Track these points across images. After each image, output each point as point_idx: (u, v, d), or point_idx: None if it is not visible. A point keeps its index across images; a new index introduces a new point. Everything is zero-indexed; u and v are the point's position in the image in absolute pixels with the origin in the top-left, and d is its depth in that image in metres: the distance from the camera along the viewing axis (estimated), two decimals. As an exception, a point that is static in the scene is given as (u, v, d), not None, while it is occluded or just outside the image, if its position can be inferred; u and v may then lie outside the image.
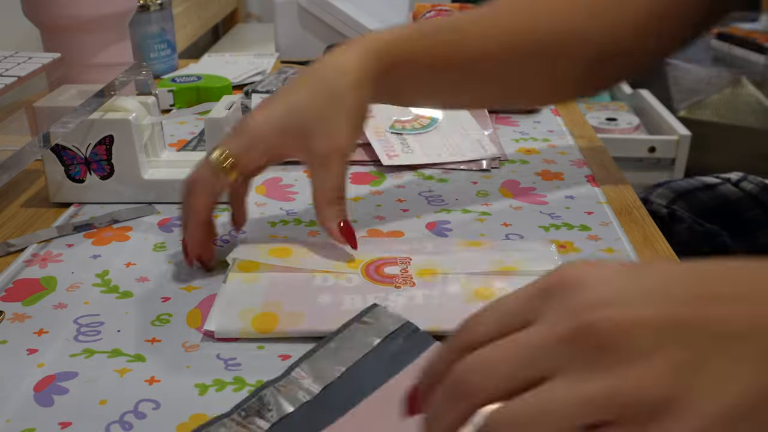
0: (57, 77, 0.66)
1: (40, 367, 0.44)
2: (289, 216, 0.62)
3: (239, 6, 2.37)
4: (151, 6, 1.00)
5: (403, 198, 0.65)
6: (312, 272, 0.51)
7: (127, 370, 0.43)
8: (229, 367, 0.43)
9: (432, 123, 0.79)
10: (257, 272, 0.51)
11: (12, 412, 0.40)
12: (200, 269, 0.54)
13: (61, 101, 0.61)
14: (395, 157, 0.72)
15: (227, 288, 0.50)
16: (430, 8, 1.34)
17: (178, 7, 1.60)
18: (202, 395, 0.41)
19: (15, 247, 0.57)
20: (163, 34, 1.02)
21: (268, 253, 0.53)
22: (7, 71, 0.62)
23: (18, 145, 0.51)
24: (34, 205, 0.65)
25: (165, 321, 0.48)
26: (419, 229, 0.59)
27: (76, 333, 0.47)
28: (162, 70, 1.03)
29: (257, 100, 0.84)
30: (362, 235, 0.59)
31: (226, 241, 0.58)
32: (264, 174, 0.70)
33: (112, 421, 0.39)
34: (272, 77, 1.00)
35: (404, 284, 0.49)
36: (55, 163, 0.63)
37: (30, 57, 0.66)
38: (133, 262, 0.55)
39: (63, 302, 0.50)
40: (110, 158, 0.63)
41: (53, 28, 0.75)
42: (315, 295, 0.48)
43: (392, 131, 0.77)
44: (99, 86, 0.62)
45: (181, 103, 0.91)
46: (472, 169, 0.71)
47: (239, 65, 1.07)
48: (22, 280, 0.53)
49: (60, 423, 0.39)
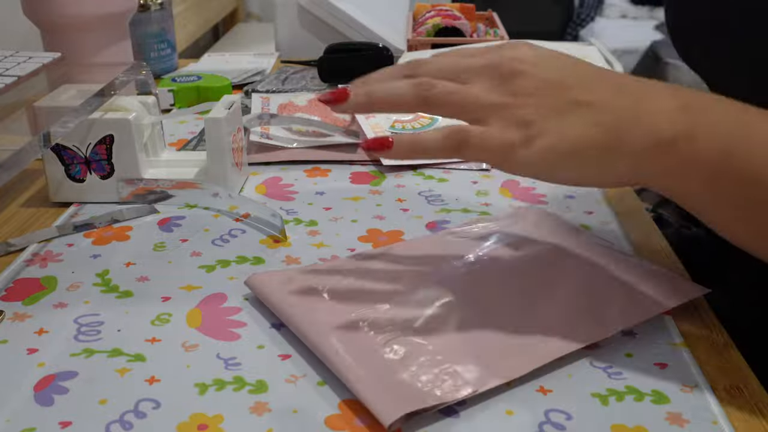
0: (57, 77, 0.66)
1: (40, 367, 0.44)
2: (289, 216, 0.62)
3: (239, 6, 2.37)
4: (151, 6, 1.00)
5: (403, 198, 0.65)
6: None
7: (127, 370, 0.43)
8: (229, 367, 0.44)
9: (432, 123, 0.79)
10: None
11: (12, 412, 0.40)
12: (198, 267, 0.54)
13: (61, 101, 0.61)
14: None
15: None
16: (430, 8, 1.34)
17: (178, 7, 1.60)
18: (202, 395, 0.41)
19: (15, 246, 0.58)
20: (163, 33, 1.02)
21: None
22: (7, 71, 0.62)
23: (18, 145, 0.51)
24: (34, 205, 0.66)
25: (165, 321, 0.48)
26: (419, 229, 0.60)
27: (76, 333, 0.47)
28: (162, 70, 1.03)
29: (257, 99, 0.84)
30: (362, 234, 0.59)
31: (227, 241, 0.58)
32: (264, 174, 0.71)
33: (112, 420, 0.39)
34: (272, 77, 1.00)
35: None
36: (56, 163, 0.63)
37: (30, 57, 0.66)
38: (133, 262, 0.55)
39: (63, 302, 0.50)
40: (110, 158, 0.63)
41: (53, 28, 0.75)
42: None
43: (392, 131, 0.77)
44: (99, 86, 0.62)
45: (181, 103, 0.91)
46: (472, 169, 0.71)
47: (239, 65, 1.07)
48: (23, 280, 0.53)
49: (60, 423, 0.39)
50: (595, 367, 0.43)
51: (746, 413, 0.40)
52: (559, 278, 0.50)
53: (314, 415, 0.40)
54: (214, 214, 0.63)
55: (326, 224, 0.61)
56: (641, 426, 0.39)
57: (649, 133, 0.41)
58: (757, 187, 0.40)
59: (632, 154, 0.42)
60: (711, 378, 0.43)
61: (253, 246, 0.57)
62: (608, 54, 1.70)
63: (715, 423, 0.39)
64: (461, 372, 0.41)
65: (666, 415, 0.40)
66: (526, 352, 0.43)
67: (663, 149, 0.41)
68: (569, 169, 0.43)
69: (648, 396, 0.41)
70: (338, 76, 0.95)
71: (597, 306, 0.47)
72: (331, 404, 0.40)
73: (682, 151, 0.41)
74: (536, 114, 0.42)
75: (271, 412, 0.40)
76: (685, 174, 0.42)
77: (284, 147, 0.75)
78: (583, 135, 0.42)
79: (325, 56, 0.97)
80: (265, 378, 0.42)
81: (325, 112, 0.81)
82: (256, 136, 0.75)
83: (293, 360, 0.44)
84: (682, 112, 0.42)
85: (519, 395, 0.41)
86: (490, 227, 0.57)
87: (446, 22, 1.24)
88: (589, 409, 0.40)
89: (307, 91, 0.92)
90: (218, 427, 0.39)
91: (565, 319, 0.46)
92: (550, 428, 0.39)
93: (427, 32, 1.24)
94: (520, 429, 0.39)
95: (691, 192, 0.43)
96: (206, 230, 0.60)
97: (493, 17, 1.42)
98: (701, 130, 0.41)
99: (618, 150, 0.42)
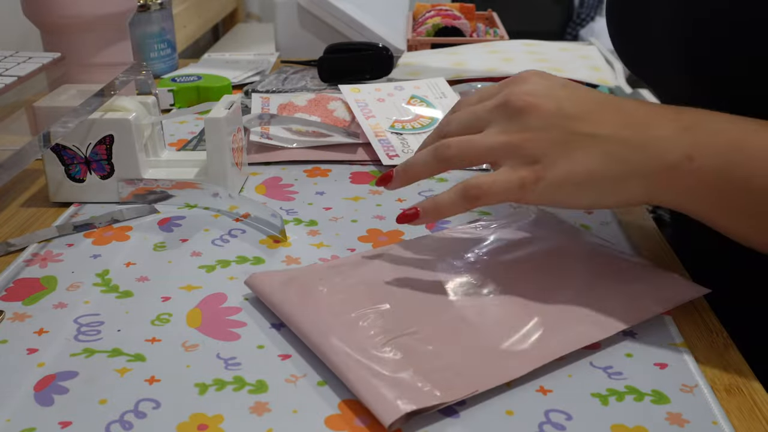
0: (57, 77, 0.66)
1: (40, 367, 0.44)
2: (289, 216, 0.62)
3: (239, 6, 2.37)
4: (151, 6, 1.00)
5: (403, 198, 0.65)
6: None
7: (127, 370, 0.43)
8: (229, 367, 0.44)
9: (432, 123, 0.79)
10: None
11: (12, 412, 0.40)
12: (198, 269, 0.54)
13: (61, 101, 0.61)
14: (395, 157, 0.72)
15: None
16: (430, 8, 1.35)
17: (178, 7, 1.60)
18: (202, 395, 0.41)
19: (15, 246, 0.58)
20: (163, 33, 1.02)
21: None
22: (7, 71, 0.62)
23: (18, 145, 0.51)
24: (34, 205, 0.66)
25: (165, 321, 0.48)
26: (419, 229, 0.59)
27: (76, 332, 0.47)
28: (162, 70, 1.03)
29: (257, 100, 0.84)
30: (362, 234, 0.59)
31: (227, 241, 0.58)
32: (264, 174, 0.71)
33: (112, 420, 0.39)
34: (272, 77, 1.00)
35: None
36: (55, 163, 0.63)
37: (30, 57, 0.66)
38: (133, 261, 0.55)
39: (63, 302, 0.50)
40: (110, 158, 0.63)
41: (53, 28, 0.75)
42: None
43: (392, 131, 0.77)
44: (99, 86, 0.62)
45: (181, 103, 0.91)
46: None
47: (239, 65, 1.07)
48: (23, 280, 0.53)
49: (60, 423, 0.39)
50: (595, 367, 0.43)
51: (746, 413, 0.40)
52: (559, 278, 0.50)
53: (314, 415, 0.40)
54: (214, 214, 0.63)
55: (326, 224, 0.61)
56: (641, 426, 0.39)
57: (656, 158, 0.43)
58: (763, 195, 0.41)
59: (643, 180, 0.43)
60: (711, 378, 0.43)
61: (253, 246, 0.57)
62: (608, 54, 1.70)
63: (715, 423, 0.39)
64: (461, 372, 0.41)
65: (666, 415, 0.40)
66: (526, 353, 0.43)
67: (671, 173, 0.43)
68: (584, 198, 0.45)
69: (648, 396, 0.41)
70: (338, 76, 0.95)
71: (597, 306, 0.47)
72: (331, 404, 0.40)
73: (687, 171, 0.42)
74: (545, 149, 0.45)
75: (271, 412, 0.40)
76: (694, 192, 0.43)
77: (284, 147, 0.75)
78: (593, 166, 0.44)
79: (325, 56, 0.97)
80: (265, 378, 0.42)
81: (325, 112, 0.81)
82: (256, 136, 0.75)
83: (293, 360, 0.44)
84: (684, 133, 0.43)
85: (519, 395, 0.41)
86: (490, 227, 0.57)
87: (446, 21, 1.25)
88: (589, 409, 0.40)
89: (307, 91, 0.92)
90: (218, 427, 0.39)
91: (565, 319, 0.46)
92: (550, 428, 0.39)
93: (427, 32, 1.24)
94: (520, 429, 0.39)
95: (702, 208, 0.44)
96: (206, 230, 0.60)
97: (493, 17, 1.42)
98: (701, 149, 0.42)
99: (629, 178, 0.44)
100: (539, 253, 0.53)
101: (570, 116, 0.45)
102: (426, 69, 1.00)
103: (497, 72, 0.96)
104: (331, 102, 0.83)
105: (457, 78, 0.95)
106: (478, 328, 0.45)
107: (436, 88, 0.86)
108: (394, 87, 0.85)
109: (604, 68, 0.98)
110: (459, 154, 0.48)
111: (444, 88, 0.86)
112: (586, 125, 0.45)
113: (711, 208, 0.44)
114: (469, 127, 0.49)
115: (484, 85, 0.91)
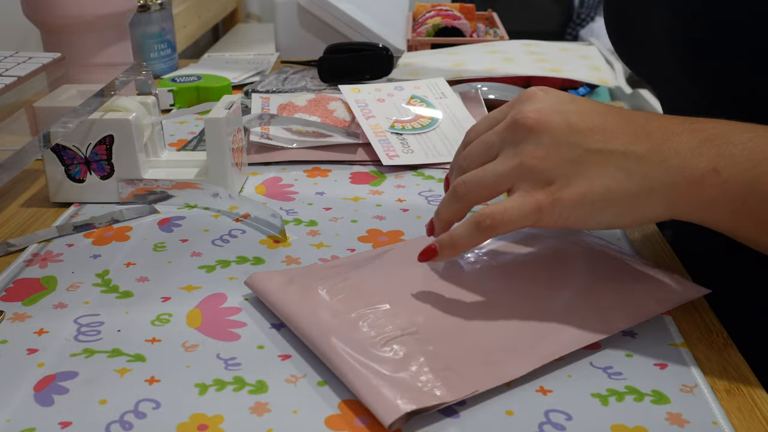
0: (57, 77, 0.66)
1: (40, 367, 0.44)
2: (289, 216, 0.62)
3: (239, 6, 2.37)
4: (151, 6, 1.00)
5: (403, 198, 0.65)
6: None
7: (127, 370, 0.43)
8: (229, 367, 0.44)
9: (432, 123, 0.79)
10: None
11: (12, 412, 0.40)
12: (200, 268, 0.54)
13: (61, 101, 0.61)
14: (395, 157, 0.72)
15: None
16: (430, 8, 1.35)
17: (178, 7, 1.60)
18: (202, 395, 0.41)
19: (15, 247, 0.58)
20: (163, 34, 1.02)
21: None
22: (7, 71, 0.62)
23: (18, 145, 0.51)
24: (34, 205, 0.66)
25: (165, 321, 0.48)
26: (419, 229, 0.59)
27: (76, 333, 0.47)
28: (162, 70, 1.03)
29: (257, 100, 0.84)
30: (362, 234, 0.59)
31: (227, 241, 0.58)
32: (264, 174, 0.71)
33: (112, 421, 0.39)
34: (272, 77, 1.00)
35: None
36: (55, 163, 0.63)
37: (30, 57, 0.66)
38: (133, 262, 0.55)
39: (63, 302, 0.50)
40: (110, 158, 0.63)
41: (53, 28, 0.75)
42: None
43: (392, 131, 0.77)
44: (99, 86, 0.62)
45: (181, 103, 0.91)
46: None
47: (239, 65, 1.07)
48: (22, 280, 0.53)
49: (60, 423, 0.39)
50: (595, 367, 0.43)
51: (746, 413, 0.40)
52: (559, 278, 0.50)
53: (314, 416, 0.40)
54: (214, 214, 0.63)
55: (326, 224, 0.61)
56: (641, 426, 0.39)
57: (679, 172, 0.42)
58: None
59: (666, 195, 0.42)
60: (711, 378, 0.43)
61: (253, 246, 0.57)
62: (608, 54, 1.70)
63: (715, 423, 0.39)
64: (461, 372, 0.41)
65: (666, 415, 0.40)
66: (526, 353, 0.43)
67: (695, 187, 0.42)
68: (603, 217, 0.44)
69: (648, 396, 0.41)
70: (338, 76, 0.95)
71: (597, 306, 0.47)
72: (331, 404, 0.40)
73: (713, 184, 0.41)
74: (558, 169, 0.43)
75: (271, 412, 0.40)
76: (718, 205, 0.42)
77: (284, 147, 0.75)
78: (610, 183, 0.43)
79: (325, 56, 0.97)
80: (265, 378, 0.42)
81: (325, 113, 0.81)
82: (256, 136, 0.75)
83: (293, 360, 0.44)
84: (705, 145, 0.42)
85: (519, 395, 0.41)
86: None
87: (446, 22, 1.25)
88: (589, 409, 0.40)
89: (307, 91, 0.92)
90: (218, 427, 0.39)
91: (565, 319, 0.45)
92: (550, 428, 0.39)
93: (427, 32, 1.24)
94: (520, 429, 0.39)
95: (725, 219, 0.43)
96: (206, 230, 0.60)
97: (493, 17, 1.42)
98: (726, 160, 0.41)
99: (650, 194, 0.42)
100: (539, 253, 0.53)
101: (580, 131, 0.44)
102: (426, 69, 1.00)
103: (497, 72, 0.96)
104: (331, 102, 0.83)
105: (457, 78, 0.95)
106: (479, 328, 0.45)
107: (436, 88, 0.86)
108: (394, 87, 0.85)
109: (604, 68, 0.98)
110: (475, 194, 0.46)
111: (444, 88, 0.86)
112: (599, 140, 0.43)
113: (735, 220, 0.42)
114: (485, 158, 0.47)
115: (484, 85, 0.91)
